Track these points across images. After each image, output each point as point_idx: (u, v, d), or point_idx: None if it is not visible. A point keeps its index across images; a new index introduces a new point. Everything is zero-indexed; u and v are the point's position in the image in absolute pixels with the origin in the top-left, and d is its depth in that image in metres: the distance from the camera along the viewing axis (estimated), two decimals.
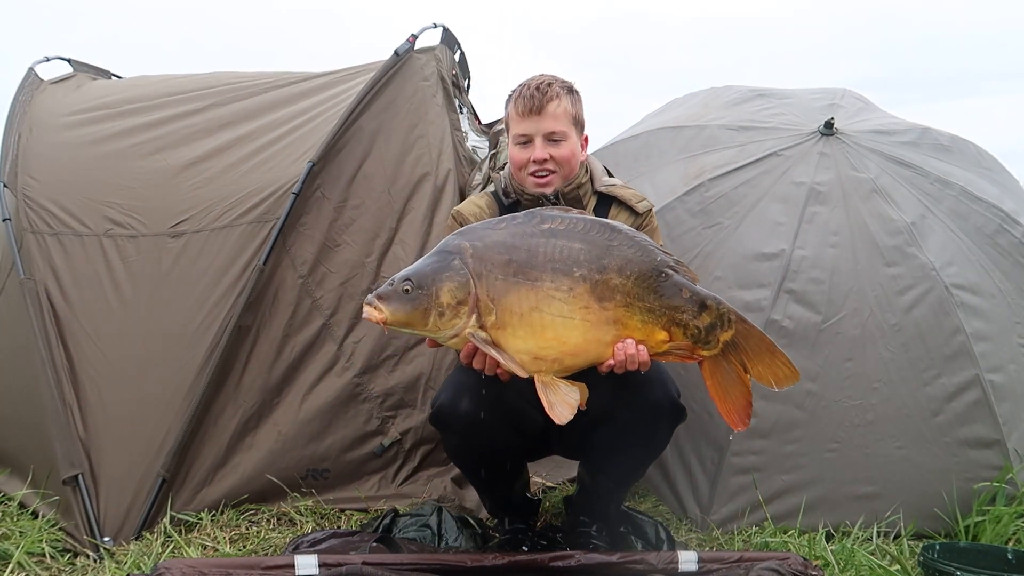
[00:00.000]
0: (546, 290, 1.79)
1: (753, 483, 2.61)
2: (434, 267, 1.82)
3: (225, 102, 3.19)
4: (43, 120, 3.18)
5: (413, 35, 3.11)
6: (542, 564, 1.98)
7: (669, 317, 1.85)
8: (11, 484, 2.76)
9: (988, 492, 2.58)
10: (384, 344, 2.80)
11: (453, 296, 1.79)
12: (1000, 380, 2.66)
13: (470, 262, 1.81)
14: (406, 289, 1.79)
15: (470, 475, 2.39)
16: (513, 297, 1.79)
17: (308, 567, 1.86)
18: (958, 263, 2.74)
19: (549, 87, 2.21)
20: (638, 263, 1.84)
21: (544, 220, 1.86)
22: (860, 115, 3.22)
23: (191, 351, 2.64)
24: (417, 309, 1.79)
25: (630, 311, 1.83)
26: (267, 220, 2.76)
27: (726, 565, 1.98)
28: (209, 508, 2.60)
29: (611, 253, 1.83)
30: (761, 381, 1.90)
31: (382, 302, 1.79)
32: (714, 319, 1.86)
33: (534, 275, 1.80)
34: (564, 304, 1.79)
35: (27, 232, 2.81)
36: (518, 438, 2.20)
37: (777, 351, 1.90)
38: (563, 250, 1.81)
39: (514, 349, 1.81)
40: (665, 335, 1.86)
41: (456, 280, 1.79)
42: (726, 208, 2.82)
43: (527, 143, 2.23)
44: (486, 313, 1.80)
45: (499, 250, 1.82)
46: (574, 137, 2.25)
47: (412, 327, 1.82)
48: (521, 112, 2.22)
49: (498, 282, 1.79)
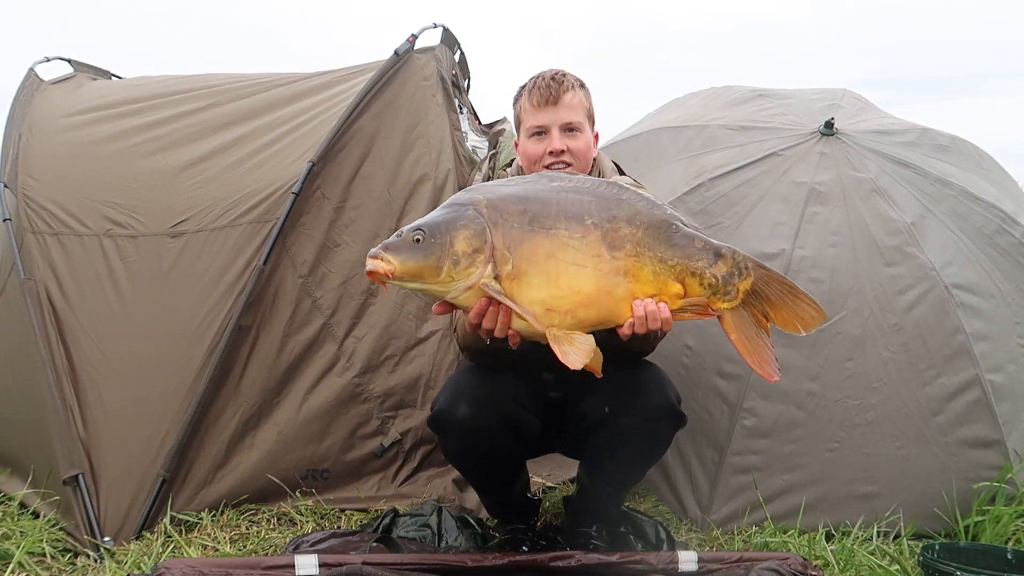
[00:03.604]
0: (560, 237, 1.74)
1: (753, 483, 2.62)
2: (447, 216, 1.74)
3: (225, 102, 3.19)
4: (43, 120, 3.17)
5: (413, 35, 3.11)
6: (542, 564, 1.98)
7: (683, 267, 1.79)
8: (11, 484, 2.77)
9: (988, 492, 2.59)
10: (384, 344, 2.80)
11: (469, 244, 1.70)
12: (1000, 380, 2.66)
13: (485, 211, 1.74)
14: (417, 239, 1.69)
15: (469, 478, 2.39)
16: (529, 245, 1.73)
17: (308, 567, 1.86)
18: (958, 263, 2.74)
19: (564, 77, 2.18)
20: (647, 214, 1.80)
21: (553, 179, 1.84)
22: (860, 115, 3.23)
23: (191, 351, 2.64)
24: (430, 258, 1.69)
25: (640, 261, 1.77)
26: (267, 220, 2.76)
27: (726, 565, 1.98)
28: (209, 508, 2.60)
29: (620, 205, 1.79)
30: (786, 327, 1.83)
31: (389, 252, 1.68)
32: (731, 268, 1.80)
33: (548, 223, 1.74)
34: (577, 252, 1.74)
35: (27, 232, 2.81)
36: (516, 442, 2.18)
37: (800, 292, 1.83)
38: (574, 201, 1.78)
39: (528, 300, 1.74)
40: (679, 288, 1.80)
41: (472, 228, 1.71)
42: (726, 208, 2.83)
43: (542, 135, 2.18)
44: (502, 262, 1.72)
45: (513, 200, 1.77)
46: (588, 131, 2.22)
47: (422, 279, 1.71)
48: (536, 103, 2.17)
49: (514, 230, 1.73)
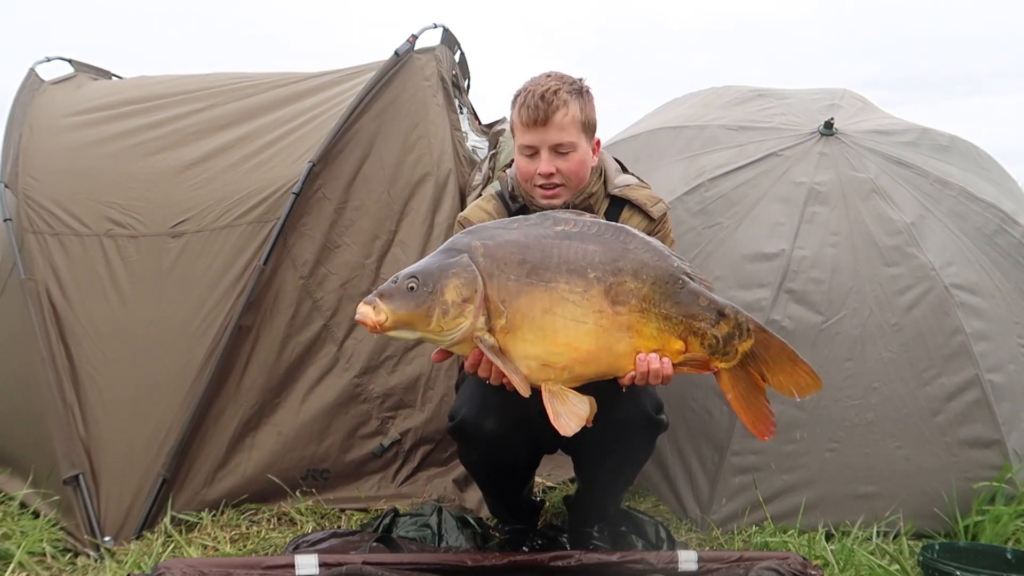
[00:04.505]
0: (560, 292, 1.69)
1: (753, 483, 2.62)
2: (440, 264, 1.72)
3: (225, 102, 3.19)
4: (44, 120, 3.18)
5: (413, 35, 3.11)
6: (542, 564, 1.98)
7: (686, 325, 1.75)
8: (12, 484, 2.77)
9: (988, 492, 2.59)
10: (384, 345, 2.80)
11: (459, 293, 1.68)
12: (1000, 380, 2.66)
13: (480, 260, 1.71)
14: (411, 287, 1.68)
15: (483, 484, 2.37)
16: (526, 299, 1.69)
17: (308, 567, 1.86)
18: (958, 263, 2.74)
19: (555, 95, 2.03)
20: (654, 268, 1.75)
21: (557, 222, 1.78)
22: (860, 115, 3.22)
23: (191, 351, 2.65)
24: (421, 307, 1.67)
25: (645, 317, 1.73)
26: (267, 220, 2.76)
27: (726, 565, 1.98)
28: (209, 508, 2.60)
29: (627, 256, 1.74)
30: (780, 391, 1.81)
31: (384, 300, 1.68)
32: (732, 328, 1.77)
33: (548, 276, 1.70)
34: (577, 307, 1.69)
35: (28, 232, 2.81)
36: (536, 454, 2.20)
37: (799, 360, 1.80)
38: (577, 251, 1.73)
39: (523, 355, 1.71)
40: (681, 345, 1.77)
41: (462, 276, 1.69)
42: (726, 208, 2.82)
43: (532, 154, 2.09)
44: (496, 315, 1.69)
45: (512, 249, 1.72)
46: (584, 144, 2.09)
47: (414, 327, 1.70)
48: (525, 122, 2.06)
49: (511, 283, 1.70)
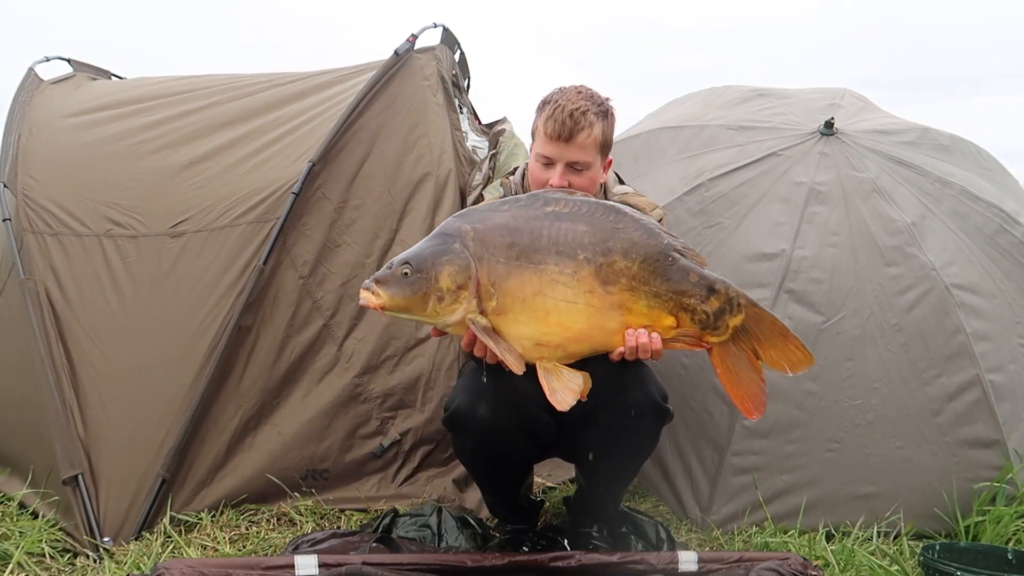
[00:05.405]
0: (550, 274, 1.73)
1: (753, 483, 2.61)
2: (433, 250, 1.76)
3: (225, 102, 3.19)
4: (43, 120, 3.17)
5: (413, 35, 3.11)
6: (542, 564, 1.98)
7: (676, 302, 1.79)
8: (11, 484, 2.76)
9: (988, 492, 2.59)
10: (384, 345, 2.80)
11: (453, 280, 1.73)
12: (1000, 380, 2.66)
13: (471, 245, 1.75)
14: (405, 273, 1.74)
15: (479, 478, 2.38)
16: (515, 281, 1.74)
17: (308, 567, 1.86)
18: (958, 263, 2.74)
19: (583, 116, 2.10)
20: (644, 246, 1.79)
21: (548, 203, 1.82)
22: (860, 115, 3.22)
23: (191, 351, 2.64)
24: (416, 293, 1.74)
25: (635, 295, 1.77)
26: (267, 220, 2.75)
27: (726, 565, 1.98)
28: (209, 508, 2.59)
29: (616, 235, 1.78)
30: (774, 367, 1.85)
31: (380, 286, 1.75)
32: (723, 303, 1.81)
33: (538, 258, 1.74)
34: (568, 288, 1.73)
35: (27, 232, 2.81)
36: (532, 445, 2.18)
37: (790, 335, 1.84)
38: (567, 232, 1.76)
39: (516, 335, 1.75)
40: (672, 321, 1.81)
41: (456, 264, 1.74)
42: (726, 208, 2.82)
43: (548, 164, 2.15)
44: (487, 298, 1.74)
45: (501, 232, 1.76)
46: (597, 164, 2.18)
47: (411, 312, 1.77)
48: (549, 135, 2.12)
49: (500, 265, 1.74)
